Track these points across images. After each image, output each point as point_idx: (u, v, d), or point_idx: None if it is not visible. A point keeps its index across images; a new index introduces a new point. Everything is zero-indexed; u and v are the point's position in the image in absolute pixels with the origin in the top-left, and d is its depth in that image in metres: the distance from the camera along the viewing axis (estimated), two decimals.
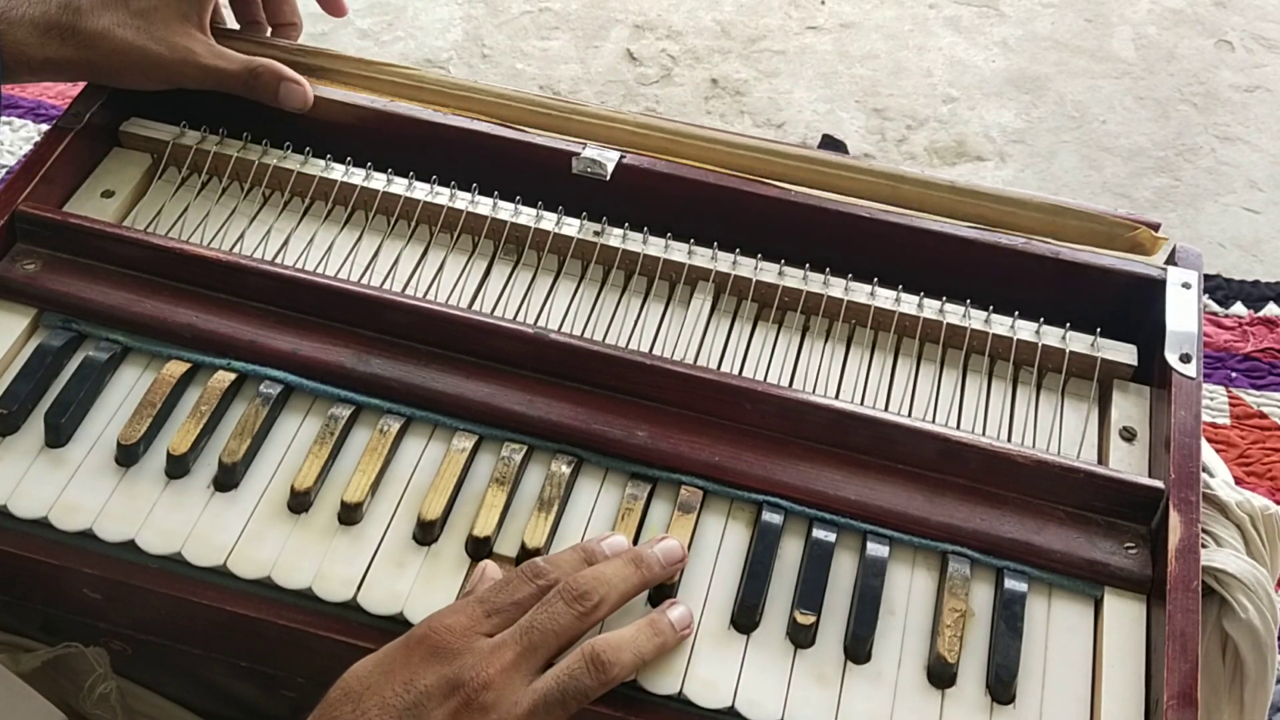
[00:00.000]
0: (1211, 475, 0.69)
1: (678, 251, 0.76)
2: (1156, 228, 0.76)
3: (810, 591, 0.64)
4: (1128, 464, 0.69)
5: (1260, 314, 1.20)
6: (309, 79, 0.82)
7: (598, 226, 0.77)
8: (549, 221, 0.77)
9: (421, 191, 0.79)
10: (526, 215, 0.78)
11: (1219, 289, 1.22)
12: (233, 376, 0.70)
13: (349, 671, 0.57)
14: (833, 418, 0.68)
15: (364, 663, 0.57)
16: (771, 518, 0.66)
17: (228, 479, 0.67)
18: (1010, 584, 0.64)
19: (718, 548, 0.66)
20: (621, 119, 0.81)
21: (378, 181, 0.79)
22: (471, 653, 0.57)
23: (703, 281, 0.76)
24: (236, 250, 0.76)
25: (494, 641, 0.57)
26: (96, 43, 0.76)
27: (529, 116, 0.82)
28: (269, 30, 0.88)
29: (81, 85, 0.82)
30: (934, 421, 0.70)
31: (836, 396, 0.72)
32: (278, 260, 0.76)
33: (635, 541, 0.65)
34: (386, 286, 0.75)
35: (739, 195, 0.77)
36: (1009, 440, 0.70)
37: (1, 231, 0.74)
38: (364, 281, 0.75)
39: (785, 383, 0.72)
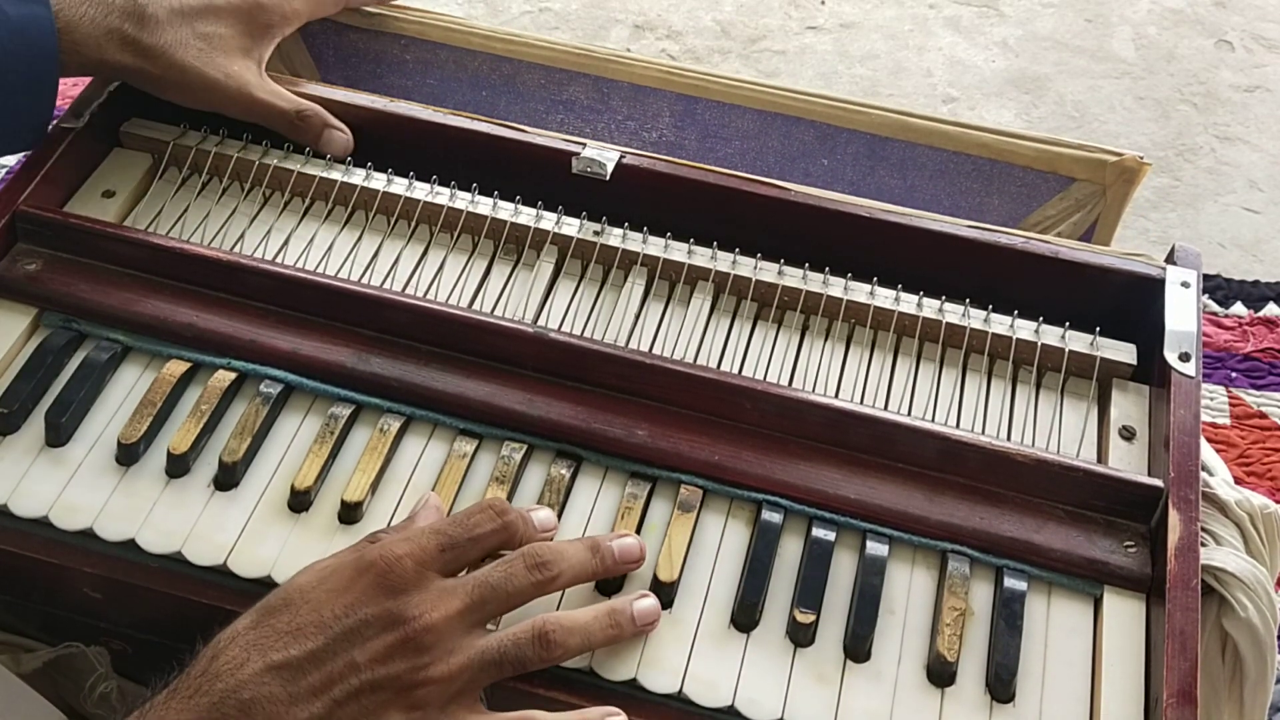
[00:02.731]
0: (1211, 474, 0.69)
1: (678, 251, 0.76)
2: (1141, 159, 0.83)
3: (810, 590, 0.64)
4: (1127, 463, 0.69)
5: (1260, 314, 1.20)
6: (367, 24, 0.85)
7: (598, 226, 0.77)
8: (549, 221, 0.77)
9: (421, 191, 0.79)
10: (526, 215, 0.78)
11: (1219, 289, 1.22)
12: (233, 376, 0.70)
13: (292, 580, 0.57)
14: (832, 417, 0.68)
15: (310, 573, 0.57)
16: (771, 516, 0.66)
17: (228, 478, 0.67)
18: (1010, 582, 0.64)
19: (717, 546, 0.66)
20: (655, 63, 0.87)
21: (378, 181, 0.79)
22: (421, 590, 0.57)
23: (703, 281, 0.76)
24: (237, 250, 0.77)
25: (446, 585, 0.57)
26: (155, 56, 0.76)
27: (568, 58, 0.87)
28: None
29: (82, 85, 0.82)
30: (933, 420, 0.70)
31: (836, 395, 0.72)
32: (278, 260, 0.76)
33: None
34: (386, 286, 0.75)
35: (739, 195, 0.78)
36: (1008, 439, 0.70)
37: (2, 231, 0.74)
38: (364, 281, 0.75)
39: (785, 382, 0.73)
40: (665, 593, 0.63)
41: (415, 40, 0.90)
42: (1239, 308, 1.20)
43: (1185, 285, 0.73)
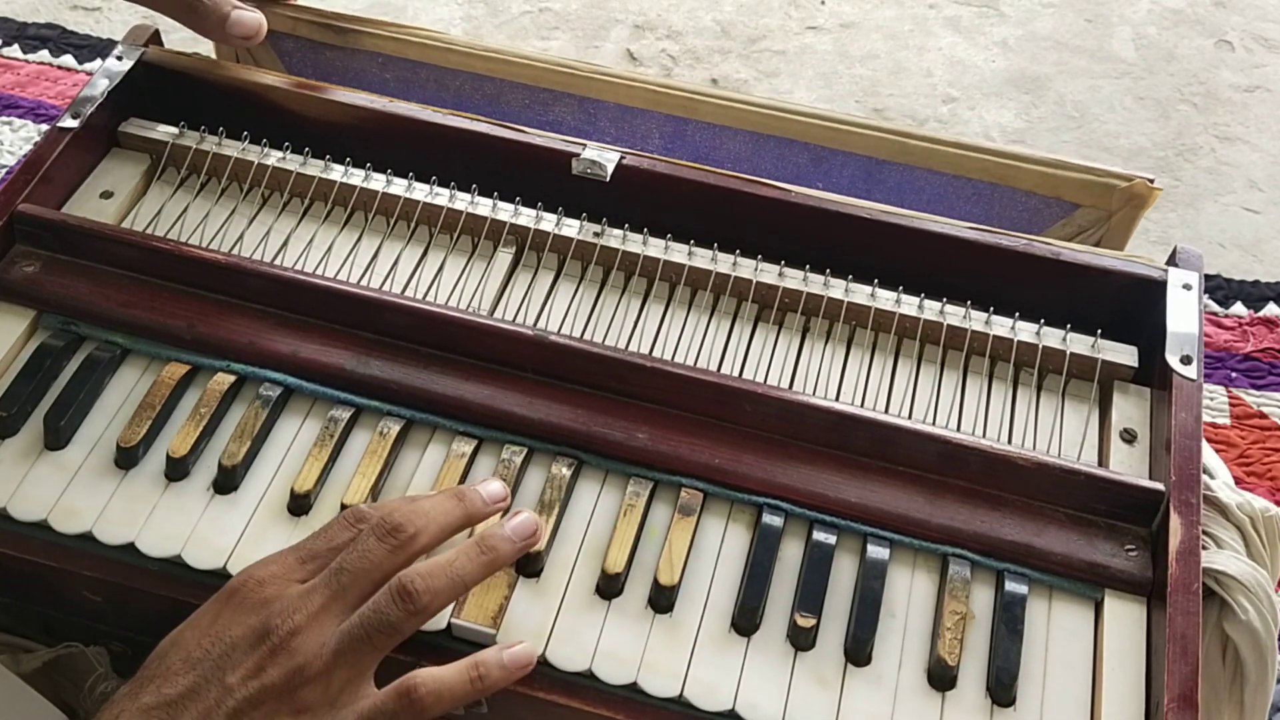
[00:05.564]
0: (1212, 477, 0.68)
1: (678, 252, 0.76)
2: (1151, 183, 0.80)
3: (810, 594, 0.64)
4: (1128, 466, 0.69)
5: (1260, 314, 1.20)
6: (343, 41, 0.82)
7: (598, 227, 0.77)
8: (549, 222, 0.77)
9: (421, 191, 0.79)
10: (526, 215, 0.78)
11: (1219, 289, 1.21)
12: (232, 378, 0.70)
13: (167, 637, 0.57)
14: (833, 420, 0.68)
15: (181, 624, 0.57)
16: (772, 520, 0.66)
17: (227, 481, 0.67)
18: (1010, 586, 0.64)
19: (718, 550, 0.66)
20: (642, 80, 0.85)
21: (378, 181, 0.79)
22: (281, 599, 0.56)
23: (703, 283, 0.76)
24: (236, 251, 0.76)
25: (304, 587, 0.56)
26: None
27: (553, 77, 0.85)
28: None
29: (81, 85, 0.82)
30: (934, 423, 0.70)
31: (837, 398, 0.72)
32: (277, 261, 0.76)
33: (636, 541, 0.65)
34: (386, 288, 0.75)
35: (739, 195, 0.77)
36: (1009, 442, 0.69)
37: (1, 232, 0.74)
38: (363, 283, 0.75)
39: (785, 385, 0.72)
40: (666, 596, 0.63)
41: (394, 59, 0.88)
42: (1239, 308, 1.20)
43: (1187, 288, 0.73)
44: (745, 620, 0.63)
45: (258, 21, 0.76)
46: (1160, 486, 0.66)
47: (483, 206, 0.78)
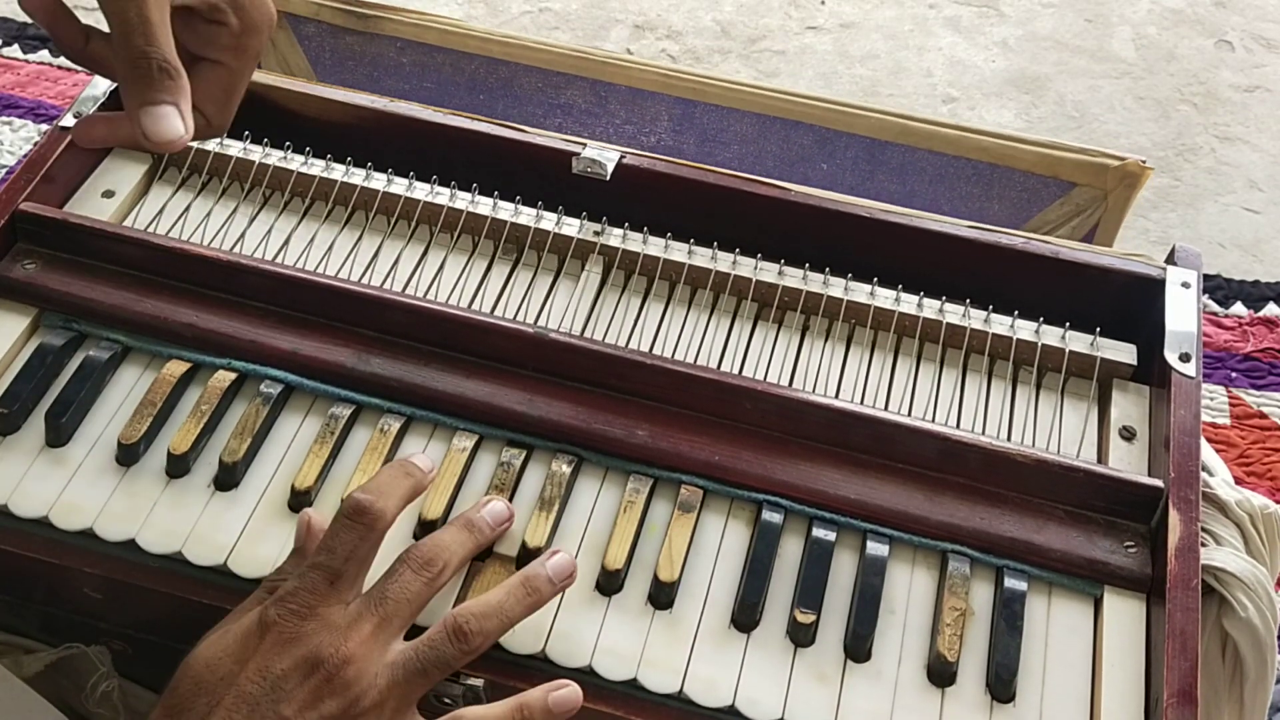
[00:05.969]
0: (1211, 474, 0.69)
1: (677, 251, 0.76)
2: (1143, 163, 0.82)
3: (810, 590, 0.64)
4: (1127, 463, 0.69)
5: (1260, 314, 1.20)
6: (363, 26, 0.84)
7: (598, 226, 0.77)
8: (549, 221, 0.77)
9: (421, 191, 0.79)
10: (526, 215, 0.78)
11: (1219, 289, 1.22)
12: (233, 376, 0.70)
13: (195, 657, 0.57)
14: (833, 417, 0.68)
15: (211, 647, 0.57)
16: (771, 517, 0.66)
17: (228, 478, 0.67)
18: (1010, 583, 0.64)
19: (718, 547, 0.66)
20: (652, 64, 0.87)
21: (378, 181, 0.79)
22: (327, 629, 0.56)
23: (703, 281, 0.76)
24: (237, 250, 0.77)
25: (349, 614, 0.57)
26: None
27: (566, 61, 0.87)
28: None
29: (83, 85, 0.82)
30: (934, 421, 0.70)
31: (836, 396, 0.72)
32: (278, 260, 0.76)
33: (636, 538, 0.65)
34: (387, 286, 0.75)
35: (739, 195, 0.78)
36: (1009, 439, 0.70)
37: (2, 231, 0.74)
38: (364, 281, 0.75)
39: (785, 382, 0.73)
40: (666, 593, 0.63)
41: (411, 43, 0.90)
42: (1239, 308, 1.20)
43: (1185, 286, 0.74)
44: (745, 616, 0.63)
45: (176, 131, 0.58)
46: (1159, 483, 0.66)
47: (483, 206, 0.78)
